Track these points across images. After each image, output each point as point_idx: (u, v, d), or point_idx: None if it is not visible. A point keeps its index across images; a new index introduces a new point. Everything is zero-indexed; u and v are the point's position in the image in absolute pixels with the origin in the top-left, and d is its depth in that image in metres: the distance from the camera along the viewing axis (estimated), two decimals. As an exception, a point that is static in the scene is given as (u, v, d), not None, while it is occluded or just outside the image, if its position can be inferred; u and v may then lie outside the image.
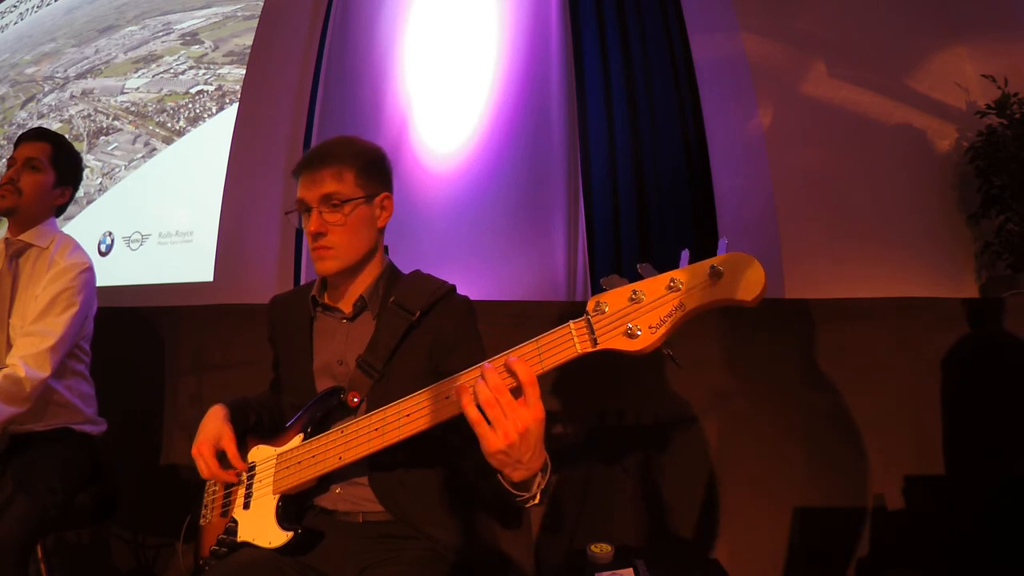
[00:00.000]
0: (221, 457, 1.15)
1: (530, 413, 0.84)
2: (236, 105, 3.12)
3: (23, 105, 3.78)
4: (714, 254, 0.85)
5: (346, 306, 1.25)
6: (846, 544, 1.94)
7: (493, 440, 0.85)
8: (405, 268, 1.33)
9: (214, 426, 1.17)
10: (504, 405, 0.84)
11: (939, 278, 2.65)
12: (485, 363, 0.90)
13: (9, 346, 1.62)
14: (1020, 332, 1.95)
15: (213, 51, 3.35)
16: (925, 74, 2.84)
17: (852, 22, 2.93)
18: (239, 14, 3.37)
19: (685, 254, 0.87)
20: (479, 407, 0.86)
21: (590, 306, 0.88)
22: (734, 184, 2.90)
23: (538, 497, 0.93)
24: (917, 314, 2.05)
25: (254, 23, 3.27)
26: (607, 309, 0.87)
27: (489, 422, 0.85)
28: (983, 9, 2.83)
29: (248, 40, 3.24)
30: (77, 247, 1.75)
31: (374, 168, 1.23)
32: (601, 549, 1.71)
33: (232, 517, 1.16)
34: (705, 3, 3.09)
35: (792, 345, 2.04)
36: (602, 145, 3.10)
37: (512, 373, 0.86)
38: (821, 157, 2.85)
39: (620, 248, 3.02)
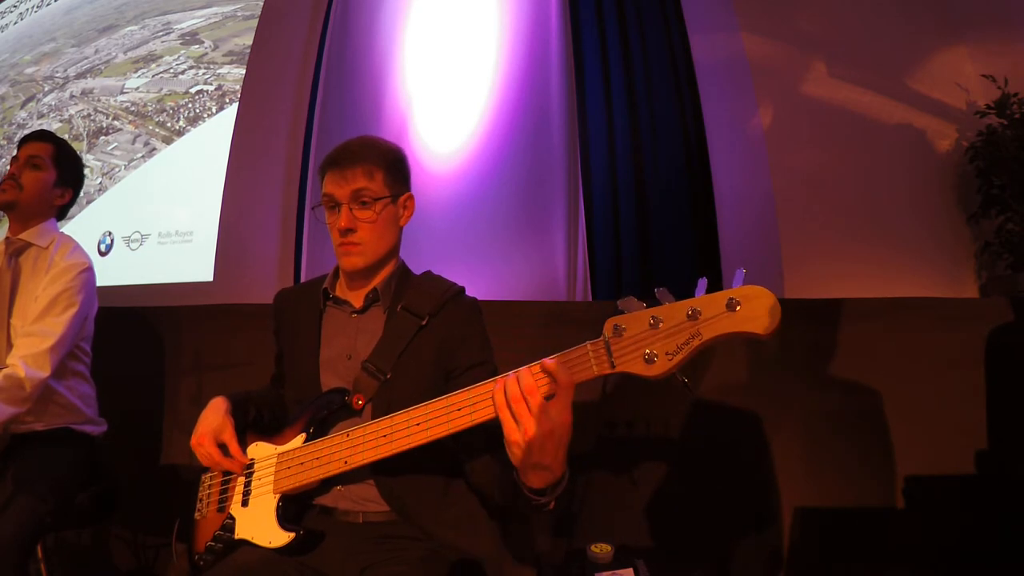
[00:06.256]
0: (222, 449, 1.16)
1: (559, 416, 0.86)
2: (236, 105, 3.12)
3: (23, 105, 3.78)
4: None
5: (357, 300, 1.25)
6: (846, 544, 1.94)
7: (513, 431, 0.87)
8: (404, 269, 1.33)
9: (215, 418, 1.17)
10: (532, 405, 0.86)
11: (939, 278, 2.65)
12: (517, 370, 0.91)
13: (9, 346, 1.62)
14: (1020, 332, 1.95)
15: (213, 51, 3.35)
16: (925, 74, 2.84)
17: (852, 22, 2.93)
18: (239, 14, 3.37)
19: (702, 283, 0.88)
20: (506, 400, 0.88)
21: (607, 329, 0.89)
22: (734, 184, 2.89)
23: (552, 504, 0.94)
24: (917, 314, 2.05)
25: (254, 23, 3.27)
26: (625, 333, 0.88)
27: (514, 416, 0.87)
28: (983, 9, 2.83)
29: (248, 40, 3.24)
30: (77, 247, 1.75)
31: (399, 168, 1.26)
32: (601, 549, 1.70)
33: (229, 513, 1.15)
34: (705, 3, 3.09)
35: (792, 345, 2.04)
36: (602, 145, 3.10)
37: (549, 374, 0.88)
38: (821, 157, 2.85)
39: (620, 248, 3.02)
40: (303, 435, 1.13)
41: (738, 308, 0.84)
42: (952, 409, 1.95)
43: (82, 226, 3.22)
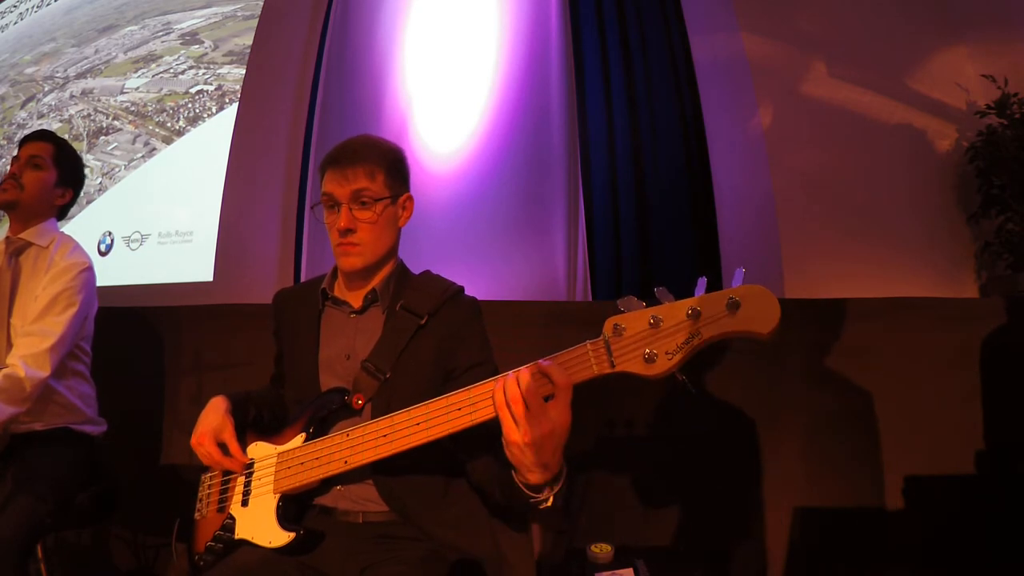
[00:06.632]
0: (222, 449, 1.16)
1: (558, 417, 0.87)
2: (236, 105, 3.12)
3: (23, 105, 3.78)
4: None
5: (356, 300, 1.25)
6: (846, 544, 1.94)
7: (512, 431, 0.87)
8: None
9: (215, 418, 1.17)
10: (532, 406, 0.87)
11: (939, 278, 2.65)
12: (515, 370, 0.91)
13: (9, 346, 1.62)
14: (1020, 332, 1.95)
15: (213, 51, 3.35)
16: (925, 74, 2.84)
17: (852, 22, 2.93)
18: (239, 14, 3.37)
19: (702, 282, 0.88)
20: (506, 401, 0.89)
21: (607, 328, 0.89)
22: (734, 184, 2.90)
23: (550, 500, 0.94)
24: (917, 314, 2.05)
25: (254, 23, 3.27)
26: (625, 332, 0.88)
27: (513, 417, 0.88)
28: (983, 9, 2.83)
29: (248, 40, 3.24)
30: (77, 247, 1.75)
31: (399, 169, 1.25)
32: (601, 549, 1.71)
33: (229, 513, 1.15)
34: (705, 3, 3.09)
35: (792, 345, 2.04)
36: (602, 145, 3.10)
37: (546, 376, 0.89)
38: (821, 157, 2.85)
39: (620, 248, 3.03)
40: (303, 435, 1.13)
41: (738, 307, 0.84)
42: (952, 409, 1.95)
43: (82, 226, 3.22)
